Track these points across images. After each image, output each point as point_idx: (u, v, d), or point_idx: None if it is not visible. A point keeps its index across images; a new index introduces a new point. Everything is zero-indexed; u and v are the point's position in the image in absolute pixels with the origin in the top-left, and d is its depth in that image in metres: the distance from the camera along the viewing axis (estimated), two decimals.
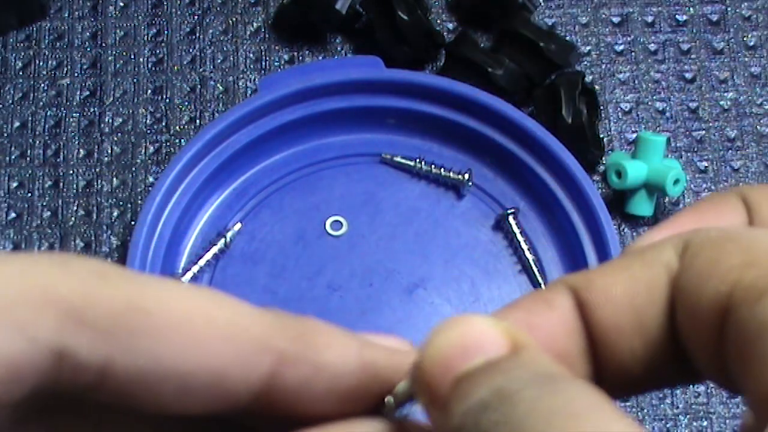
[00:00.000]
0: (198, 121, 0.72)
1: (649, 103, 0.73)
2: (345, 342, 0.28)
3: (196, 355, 0.26)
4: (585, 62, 0.74)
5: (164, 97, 0.73)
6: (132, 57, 0.74)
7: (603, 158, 0.71)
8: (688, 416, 0.65)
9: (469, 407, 0.25)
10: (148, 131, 0.72)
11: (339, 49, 0.74)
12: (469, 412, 0.25)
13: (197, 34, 0.75)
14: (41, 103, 0.72)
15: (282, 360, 0.27)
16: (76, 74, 0.73)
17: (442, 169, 0.68)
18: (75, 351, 0.25)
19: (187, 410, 0.27)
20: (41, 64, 0.74)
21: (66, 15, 0.75)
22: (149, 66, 0.74)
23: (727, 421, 0.65)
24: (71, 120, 0.72)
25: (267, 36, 0.75)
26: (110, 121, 0.72)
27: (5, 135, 0.72)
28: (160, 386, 0.26)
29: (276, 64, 0.74)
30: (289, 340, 0.28)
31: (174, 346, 0.26)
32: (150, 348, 0.26)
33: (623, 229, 0.70)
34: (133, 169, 0.71)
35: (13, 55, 0.74)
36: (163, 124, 0.72)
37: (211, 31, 0.75)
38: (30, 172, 0.71)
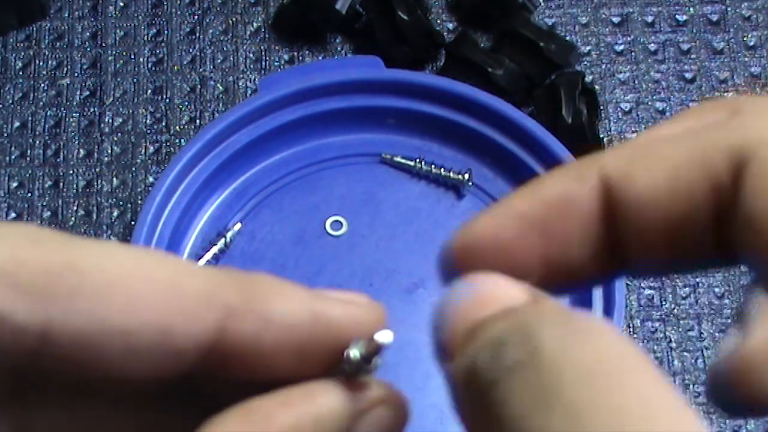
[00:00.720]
0: (198, 121, 0.72)
1: (649, 103, 0.73)
2: (295, 294, 0.28)
3: (137, 312, 0.26)
4: (585, 62, 0.74)
5: (164, 97, 0.73)
6: (132, 57, 0.74)
7: None
8: None
9: (484, 343, 0.24)
10: (148, 131, 0.72)
11: (339, 49, 0.74)
12: (483, 349, 0.24)
13: (197, 34, 0.75)
14: (41, 103, 0.72)
15: (229, 313, 0.27)
16: (76, 74, 0.73)
17: (442, 169, 0.68)
18: (11, 314, 0.25)
19: (135, 371, 0.27)
20: (41, 64, 0.74)
21: (66, 15, 0.75)
22: (149, 66, 0.74)
23: (727, 421, 0.65)
24: (71, 120, 0.72)
25: (267, 36, 0.75)
26: (110, 121, 0.72)
27: (5, 135, 0.72)
28: (104, 347, 0.26)
29: (276, 64, 0.74)
30: (235, 292, 0.27)
31: (113, 305, 0.26)
32: (89, 308, 0.26)
33: None
34: (133, 169, 0.71)
35: (13, 55, 0.74)
36: (163, 124, 0.72)
37: (211, 31, 0.75)
38: (30, 172, 0.71)
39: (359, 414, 0.28)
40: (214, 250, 0.66)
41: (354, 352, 0.28)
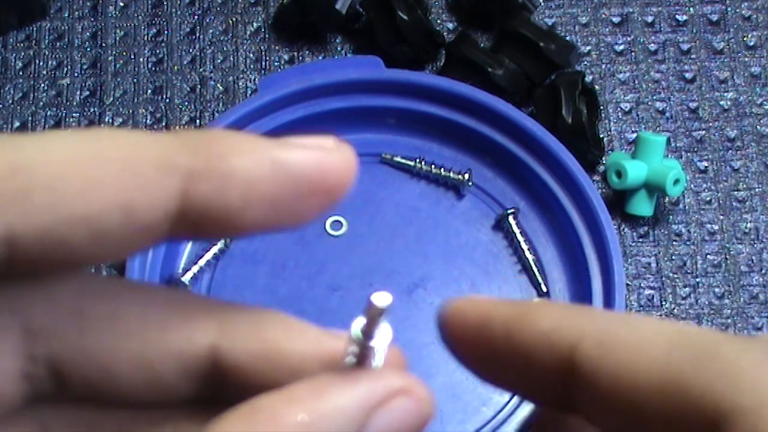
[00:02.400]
0: (198, 121, 0.72)
1: (649, 103, 0.73)
2: (254, 145, 0.27)
3: (95, 196, 0.25)
4: (585, 62, 0.74)
5: (164, 97, 0.73)
6: (132, 57, 0.74)
7: (603, 158, 0.71)
8: None
9: None
10: (148, 131, 0.72)
11: (339, 49, 0.74)
12: None
13: (197, 34, 0.75)
14: (41, 103, 0.72)
15: (190, 176, 0.26)
16: (76, 74, 0.73)
17: (442, 169, 0.68)
18: None
19: (109, 255, 0.26)
20: (41, 64, 0.74)
21: (66, 15, 0.75)
22: (149, 66, 0.74)
23: None
24: (71, 120, 0.72)
25: (267, 36, 0.75)
26: (110, 121, 0.72)
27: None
28: (72, 238, 0.25)
29: (276, 64, 0.74)
30: (192, 154, 0.26)
31: (69, 194, 0.25)
32: (46, 203, 0.25)
33: (623, 229, 0.70)
34: None
35: (13, 55, 0.74)
36: (163, 124, 0.72)
37: (211, 31, 0.75)
38: None
39: (375, 406, 0.27)
40: (214, 250, 0.66)
41: (355, 329, 0.27)
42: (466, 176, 0.67)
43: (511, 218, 0.67)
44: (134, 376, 0.26)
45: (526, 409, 0.63)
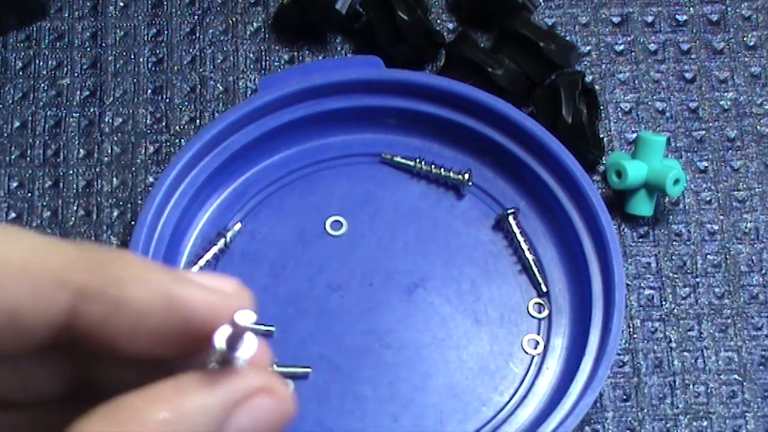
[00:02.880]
0: (198, 121, 0.72)
1: (649, 103, 0.73)
2: (152, 277, 0.27)
3: None
4: (585, 62, 0.74)
5: (164, 97, 0.73)
6: (132, 57, 0.74)
7: (603, 158, 0.71)
8: (688, 416, 0.65)
9: None
10: (148, 131, 0.72)
11: (339, 49, 0.74)
12: None
13: (197, 34, 0.75)
14: (41, 103, 0.72)
15: (81, 294, 0.26)
16: (76, 74, 0.73)
17: (442, 169, 0.68)
18: None
19: None
20: (41, 64, 0.74)
21: (66, 15, 0.75)
22: (149, 66, 0.74)
23: (727, 421, 0.65)
24: (71, 120, 0.72)
25: (267, 36, 0.75)
26: (110, 121, 0.72)
27: (5, 135, 0.72)
28: None
29: (276, 64, 0.74)
30: (88, 272, 0.26)
31: None
32: None
33: (623, 229, 0.70)
34: (133, 169, 0.71)
35: (13, 55, 0.74)
36: (163, 124, 0.72)
37: (211, 31, 0.75)
38: (30, 172, 0.71)
39: (235, 405, 0.27)
40: (214, 250, 0.66)
41: (219, 341, 0.27)
42: (466, 176, 0.67)
43: (511, 218, 0.67)
44: None
45: (527, 409, 0.63)
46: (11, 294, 0.26)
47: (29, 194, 0.70)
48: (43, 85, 0.73)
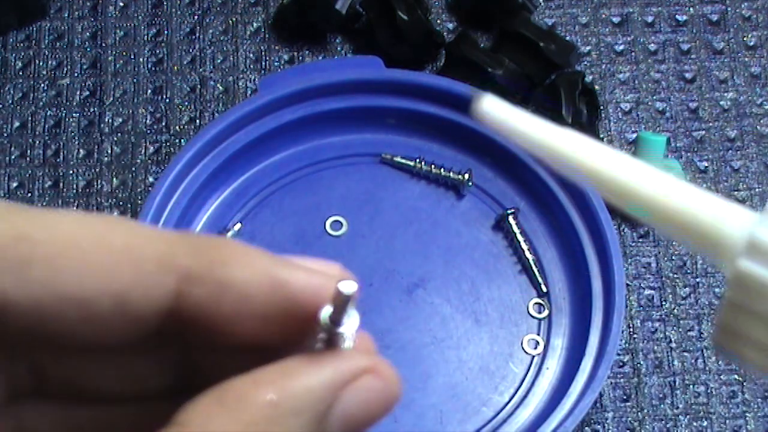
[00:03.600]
0: (198, 121, 0.72)
1: (649, 103, 0.73)
2: (255, 260, 0.27)
3: (91, 280, 0.26)
4: (585, 62, 0.74)
5: (164, 97, 0.73)
6: (132, 57, 0.74)
7: None
8: (688, 416, 0.65)
9: None
10: (148, 131, 0.72)
11: (339, 49, 0.74)
12: None
13: (197, 34, 0.75)
14: (41, 103, 0.72)
15: (186, 278, 0.27)
16: (76, 74, 0.73)
17: (442, 169, 0.68)
18: None
19: (97, 337, 0.27)
20: (41, 64, 0.74)
21: (66, 15, 0.75)
22: (149, 66, 0.74)
23: (727, 421, 0.65)
24: (71, 120, 0.72)
25: (267, 36, 0.75)
26: (110, 121, 0.72)
27: (5, 135, 0.72)
28: (61, 315, 0.26)
29: (276, 64, 0.74)
30: (192, 256, 0.27)
31: (66, 273, 0.26)
32: (42, 278, 0.25)
33: (623, 229, 0.70)
34: (133, 169, 0.71)
35: (13, 55, 0.74)
36: (163, 124, 0.72)
37: (211, 31, 0.75)
38: (30, 172, 0.71)
39: (342, 386, 0.27)
40: None
41: (324, 316, 0.27)
42: (466, 176, 0.67)
43: (511, 218, 0.67)
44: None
45: (527, 409, 0.63)
46: (118, 279, 0.26)
47: (29, 194, 0.70)
48: (43, 85, 0.73)
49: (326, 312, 0.27)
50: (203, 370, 0.29)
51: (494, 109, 0.27)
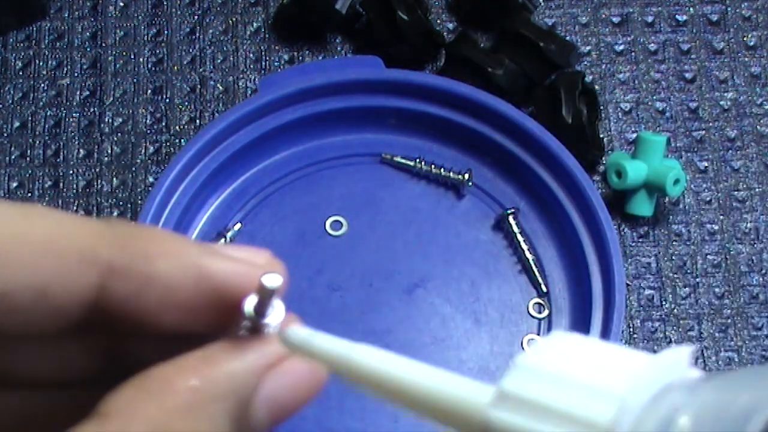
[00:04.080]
0: (198, 121, 0.72)
1: (649, 103, 0.73)
2: (180, 250, 0.27)
3: (11, 273, 0.26)
4: (585, 62, 0.74)
5: (164, 97, 0.73)
6: (132, 57, 0.74)
7: (603, 158, 0.71)
8: None
9: None
10: (148, 131, 0.72)
11: (339, 49, 0.74)
12: None
13: (197, 34, 0.75)
14: (41, 103, 0.72)
15: (109, 271, 0.26)
16: (76, 74, 0.73)
17: (442, 169, 0.68)
18: None
19: (18, 328, 0.26)
20: (41, 64, 0.74)
21: (66, 15, 0.75)
22: (149, 66, 0.74)
23: None
24: (71, 120, 0.72)
25: (267, 36, 0.75)
26: (110, 121, 0.72)
27: (5, 135, 0.72)
28: None
29: (276, 64, 0.74)
30: (116, 249, 0.26)
31: None
32: None
33: (623, 229, 0.70)
34: (133, 169, 0.71)
35: (13, 55, 0.74)
36: (163, 124, 0.72)
37: (211, 31, 0.75)
38: (30, 172, 0.71)
39: (265, 370, 0.27)
40: None
41: (248, 306, 0.27)
42: (466, 176, 0.67)
43: (511, 218, 0.67)
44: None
45: None
46: (40, 272, 0.26)
47: (29, 194, 0.70)
48: (43, 85, 0.73)
49: (251, 302, 0.27)
50: (130, 356, 0.29)
51: (297, 335, 0.27)
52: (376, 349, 0.27)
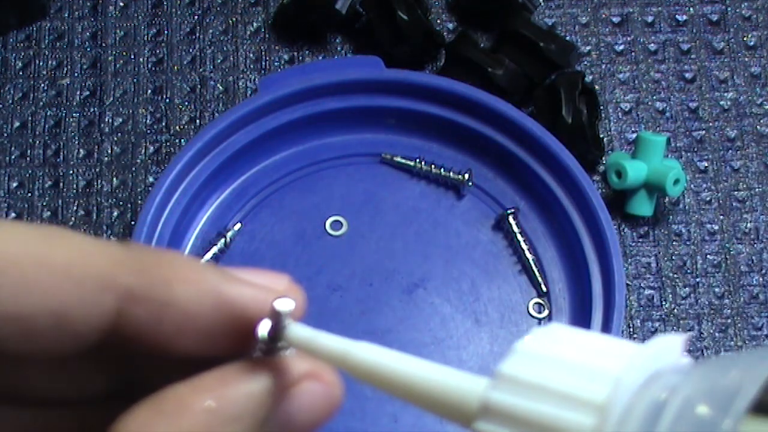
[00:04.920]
0: (198, 121, 0.72)
1: (649, 103, 0.73)
2: (199, 277, 0.27)
3: (30, 297, 0.25)
4: (585, 62, 0.74)
5: (164, 97, 0.73)
6: (132, 57, 0.74)
7: (603, 158, 0.71)
8: None
9: None
10: (148, 131, 0.72)
11: (339, 49, 0.74)
12: None
13: (197, 34, 0.75)
14: (41, 103, 0.72)
15: (128, 297, 0.26)
16: (76, 74, 0.73)
17: (442, 169, 0.68)
18: None
19: (36, 350, 0.26)
20: (41, 64, 0.74)
21: (66, 15, 0.75)
22: (149, 66, 0.74)
23: None
24: (71, 120, 0.72)
25: (267, 36, 0.75)
26: (110, 121, 0.72)
27: (5, 135, 0.72)
28: (1, 333, 0.26)
29: (276, 64, 0.74)
30: (135, 274, 0.26)
31: (5, 290, 0.25)
32: None
33: (623, 229, 0.70)
34: (133, 169, 0.71)
35: (13, 55, 0.74)
36: (163, 124, 0.72)
37: (211, 31, 0.75)
38: (30, 172, 0.71)
39: (282, 391, 0.27)
40: (214, 250, 0.66)
41: (261, 330, 0.27)
42: (466, 176, 0.67)
43: (511, 218, 0.67)
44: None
45: None
46: (57, 297, 0.26)
47: (29, 194, 0.70)
48: (43, 85, 0.73)
49: (265, 326, 0.27)
50: (146, 376, 0.29)
51: (301, 333, 0.28)
52: (377, 347, 0.27)
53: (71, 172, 0.71)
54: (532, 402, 0.25)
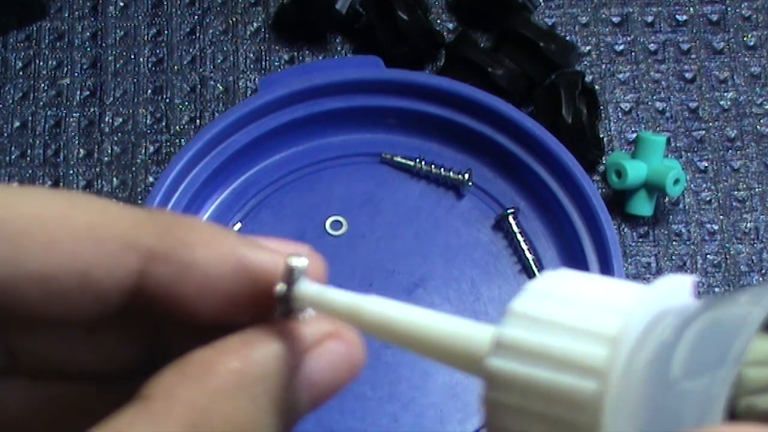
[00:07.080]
0: (198, 121, 0.72)
1: (649, 103, 0.73)
2: (220, 240, 0.27)
3: (53, 258, 0.26)
4: (585, 62, 0.74)
5: (164, 97, 0.73)
6: (132, 57, 0.74)
7: (603, 158, 0.71)
8: None
9: None
10: (148, 131, 0.72)
11: (339, 49, 0.74)
12: None
13: (197, 34, 0.75)
14: (41, 103, 0.72)
15: (150, 257, 0.27)
16: (76, 74, 0.73)
17: (442, 169, 0.68)
18: None
19: (61, 313, 0.27)
20: (41, 64, 0.74)
21: (66, 15, 0.75)
22: (149, 66, 0.74)
23: None
24: (71, 120, 0.72)
25: (267, 36, 0.75)
26: (110, 121, 0.72)
27: (5, 135, 0.72)
28: (23, 292, 0.26)
29: (276, 64, 0.74)
30: (156, 236, 0.27)
31: (28, 251, 0.26)
32: (5, 255, 0.26)
33: (623, 229, 0.70)
34: (133, 169, 0.71)
35: (13, 55, 0.74)
36: (163, 124, 0.72)
37: (211, 31, 0.75)
38: (30, 172, 0.71)
39: (305, 350, 0.27)
40: None
41: (279, 287, 0.27)
42: (466, 176, 0.67)
43: (511, 218, 0.67)
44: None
45: None
46: (81, 257, 0.26)
47: None
48: (43, 85, 0.73)
49: (282, 287, 0.27)
50: (172, 346, 0.29)
51: (310, 289, 0.28)
52: (387, 299, 0.28)
53: (71, 172, 0.71)
54: (544, 336, 0.25)
